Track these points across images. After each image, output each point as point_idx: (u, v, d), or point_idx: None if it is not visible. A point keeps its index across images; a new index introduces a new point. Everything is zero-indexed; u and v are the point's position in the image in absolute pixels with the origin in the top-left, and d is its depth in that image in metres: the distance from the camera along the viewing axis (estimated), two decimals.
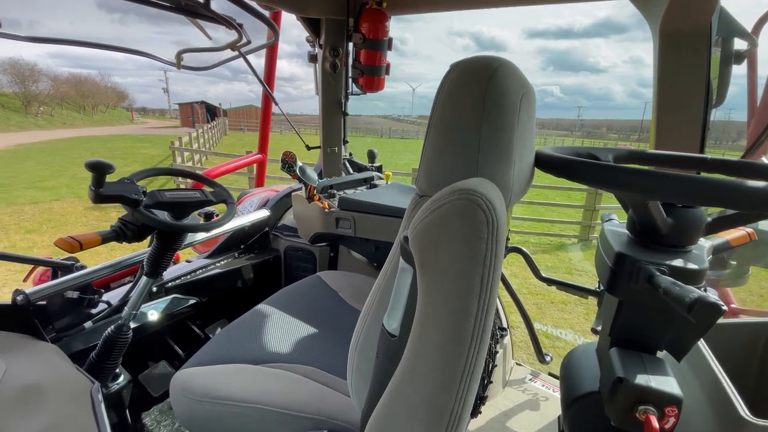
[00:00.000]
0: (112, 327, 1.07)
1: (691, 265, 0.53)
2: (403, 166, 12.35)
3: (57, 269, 1.13)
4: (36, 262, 1.07)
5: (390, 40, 1.54)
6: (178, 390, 0.88)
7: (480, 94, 0.49)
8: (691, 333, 0.56)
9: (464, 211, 0.43)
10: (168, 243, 1.07)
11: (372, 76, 1.56)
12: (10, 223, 5.19)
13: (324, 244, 1.69)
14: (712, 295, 0.43)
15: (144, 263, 1.09)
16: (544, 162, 0.60)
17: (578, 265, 4.52)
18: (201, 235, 1.41)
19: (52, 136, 20.42)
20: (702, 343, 0.74)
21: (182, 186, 1.24)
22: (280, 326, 1.07)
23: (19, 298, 0.94)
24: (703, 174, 0.60)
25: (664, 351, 0.59)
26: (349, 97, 1.72)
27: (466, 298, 0.42)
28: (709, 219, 0.59)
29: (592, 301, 1.17)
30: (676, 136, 1.08)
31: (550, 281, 1.21)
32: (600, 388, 0.61)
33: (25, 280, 1.38)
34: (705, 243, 0.61)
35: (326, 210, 1.40)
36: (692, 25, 1.00)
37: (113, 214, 5.46)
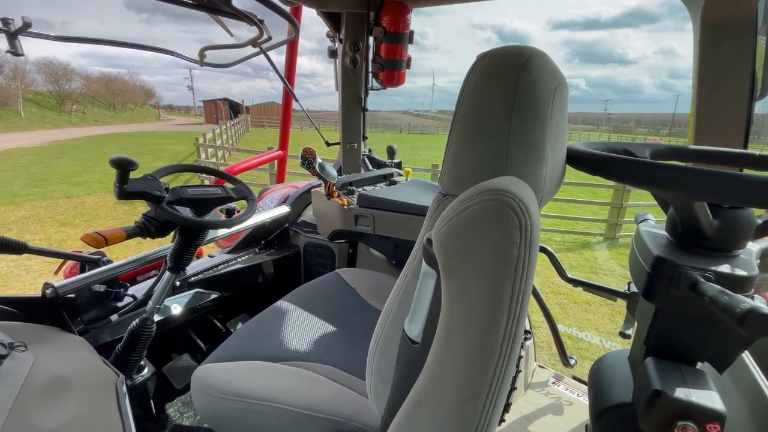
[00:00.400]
0: (137, 321, 1.10)
1: (740, 272, 0.49)
2: (423, 162, 12.28)
3: (85, 263, 1.16)
4: (65, 257, 1.11)
5: (411, 33, 1.51)
6: (198, 386, 0.89)
7: (510, 85, 0.46)
8: (736, 344, 0.52)
9: (495, 213, 0.40)
10: (190, 239, 1.09)
11: (392, 70, 1.53)
12: (46, 216, 5.45)
13: (343, 240, 1.69)
14: (762, 303, 0.39)
15: (167, 258, 1.11)
16: (576, 159, 0.56)
17: (604, 265, 4.38)
18: (222, 231, 1.43)
19: (84, 133, 21.34)
20: (746, 354, 0.69)
21: (206, 183, 1.26)
22: (300, 323, 1.07)
23: (48, 291, 0.98)
24: (750, 171, 0.55)
25: (705, 362, 0.55)
26: (369, 92, 1.70)
27: (495, 308, 0.39)
28: (759, 221, 0.55)
29: (620, 302, 1.11)
30: (717, 131, 1.01)
31: (576, 282, 1.16)
32: (633, 400, 0.57)
33: (56, 273, 1.43)
34: (753, 247, 0.57)
35: (345, 207, 1.40)
36: (736, 12, 0.93)
37: (141, 208, 5.65)
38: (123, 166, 0.87)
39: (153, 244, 1.24)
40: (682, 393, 0.48)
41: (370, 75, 1.64)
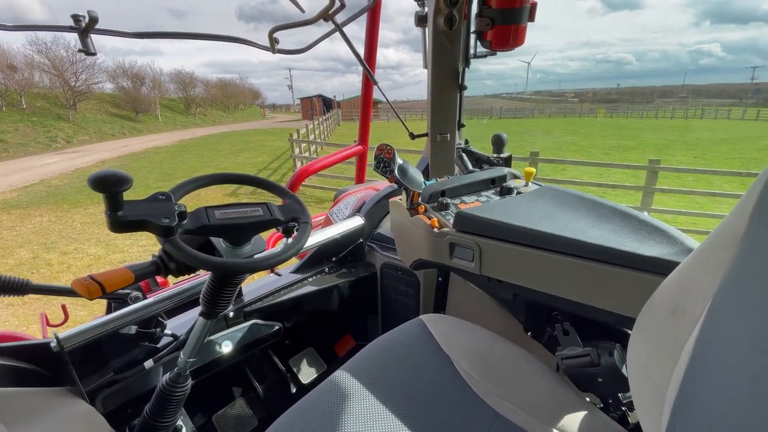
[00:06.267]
0: (167, 377, 0.85)
1: None
2: (516, 148, 11.08)
3: (110, 301, 0.96)
4: (77, 295, 0.91)
5: None
6: None
7: None
8: None
9: None
10: (225, 278, 0.80)
11: (508, 25, 1.04)
12: None
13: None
14: None
15: (200, 300, 0.84)
16: None
17: None
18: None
19: (204, 132, 24.49)
20: None
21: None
22: (366, 422, 0.70)
23: (52, 344, 0.77)
24: None
25: None
26: (471, 61, 1.24)
27: None
28: None
29: None
30: None
31: None
32: None
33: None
34: None
35: (435, 230, 0.96)
36: None
37: (262, 196, 6.03)
38: (109, 187, 0.59)
39: None
40: None
41: (472, 37, 1.18)
